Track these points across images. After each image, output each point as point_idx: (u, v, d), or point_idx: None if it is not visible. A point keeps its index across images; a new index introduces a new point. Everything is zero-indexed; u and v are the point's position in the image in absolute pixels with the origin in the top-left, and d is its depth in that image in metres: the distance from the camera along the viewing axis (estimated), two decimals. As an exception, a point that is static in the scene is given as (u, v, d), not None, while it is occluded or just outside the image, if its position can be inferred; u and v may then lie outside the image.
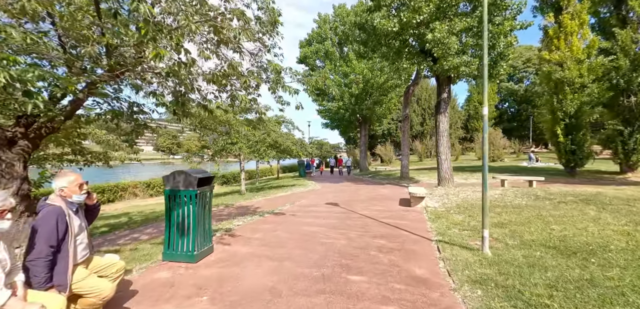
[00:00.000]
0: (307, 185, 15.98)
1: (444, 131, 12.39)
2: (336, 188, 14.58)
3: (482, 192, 4.63)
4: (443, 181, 12.23)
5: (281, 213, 8.37)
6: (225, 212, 9.30)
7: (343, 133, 37.83)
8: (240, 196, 12.97)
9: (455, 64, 10.91)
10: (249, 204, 10.50)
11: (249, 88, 5.59)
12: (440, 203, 9.22)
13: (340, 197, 11.39)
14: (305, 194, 12.49)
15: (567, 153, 15.47)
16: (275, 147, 13.05)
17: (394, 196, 11.33)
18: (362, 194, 12.12)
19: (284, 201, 10.95)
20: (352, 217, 7.63)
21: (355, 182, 17.73)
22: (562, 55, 14.80)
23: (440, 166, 12.35)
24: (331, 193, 12.63)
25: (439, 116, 12.45)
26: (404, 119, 17.65)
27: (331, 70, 27.07)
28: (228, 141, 12.07)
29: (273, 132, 12.98)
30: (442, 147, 12.35)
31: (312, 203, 10.10)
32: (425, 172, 20.93)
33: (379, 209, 8.76)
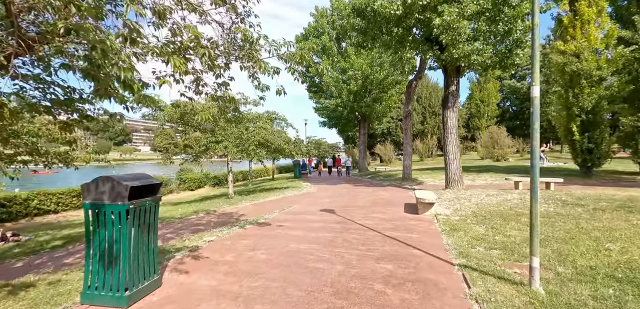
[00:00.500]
0: (302, 187, 14.70)
1: (452, 128, 11.15)
2: (333, 191, 13.31)
3: (531, 203, 3.38)
4: (451, 183, 10.99)
5: (266, 223, 7.09)
6: (204, 221, 8.02)
7: (341, 132, 36.62)
8: (226, 201, 11.69)
9: (466, 51, 9.67)
10: (233, 211, 9.22)
11: (216, 67, 4.34)
12: (452, 210, 7.97)
13: (337, 202, 10.12)
14: (298, 198, 11.22)
15: (583, 152, 14.26)
16: (266, 146, 11.78)
17: (397, 200, 10.08)
18: (361, 198, 10.86)
19: (273, 206, 9.68)
20: (351, 229, 6.36)
21: (354, 183, 16.47)
22: (578, 45, 13.58)
23: (448, 167, 11.11)
24: (327, 197, 11.37)
25: (446, 111, 11.21)
26: (406, 116, 16.42)
27: (329, 67, 25.80)
28: (211, 140, 10.79)
29: (263, 130, 11.71)
30: (450, 145, 11.12)
31: (304, 210, 8.82)
32: (428, 172, 19.70)
33: (382, 217, 7.50)
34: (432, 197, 7.72)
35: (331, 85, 25.41)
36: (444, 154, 11.44)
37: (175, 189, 21.04)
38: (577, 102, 13.95)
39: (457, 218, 6.97)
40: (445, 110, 11.23)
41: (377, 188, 13.67)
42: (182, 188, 21.73)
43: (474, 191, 10.43)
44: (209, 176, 24.56)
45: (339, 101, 25.77)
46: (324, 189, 14.01)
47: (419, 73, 16.09)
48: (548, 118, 39.60)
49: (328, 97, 26.99)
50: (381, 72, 24.63)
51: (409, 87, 16.42)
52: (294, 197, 11.46)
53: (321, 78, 26.00)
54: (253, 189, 16.65)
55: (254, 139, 11.17)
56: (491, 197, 9.21)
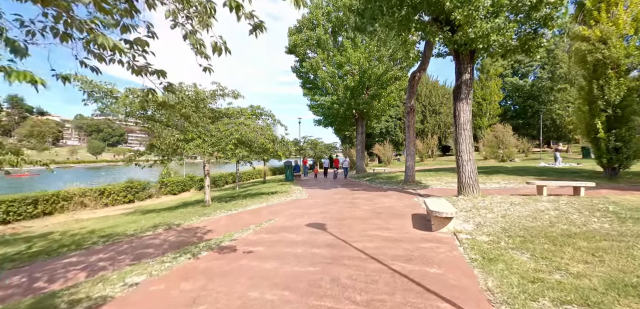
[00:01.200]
0: (291, 193, 12.94)
1: (465, 123, 9.46)
2: (327, 197, 11.57)
3: None
4: (466, 188, 9.28)
5: (230, 248, 5.32)
6: (157, 241, 6.26)
7: (338, 131, 34.94)
8: (199, 210, 9.91)
9: (485, 30, 7.98)
10: (200, 225, 7.44)
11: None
12: (475, 225, 6.27)
13: (331, 212, 8.38)
14: (284, 207, 9.47)
15: (608, 151, 12.63)
16: (247, 145, 10.02)
17: (402, 210, 8.35)
18: (359, 206, 9.13)
19: (250, 218, 7.92)
20: (344, 258, 4.62)
21: (351, 187, 14.74)
22: (604, 30, 11.95)
23: (462, 169, 9.40)
24: (319, 205, 9.63)
25: (458, 104, 9.51)
26: (408, 111, 14.72)
27: (324, 61, 24.10)
28: (180, 138, 9.01)
29: (243, 126, 9.94)
30: (463, 144, 9.41)
31: (287, 224, 7.07)
32: (431, 174, 18.00)
33: (387, 235, 5.78)
34: (449, 210, 6.00)
35: (326, 80, 23.70)
36: (455, 154, 9.73)
37: (155, 194, 19.20)
38: (603, 95, 12.32)
39: (487, 239, 5.25)
40: (457, 102, 9.53)
41: (377, 193, 11.95)
42: (164, 192, 19.89)
43: (494, 199, 8.72)
44: (194, 179, 22.74)
45: (335, 97, 24.06)
46: (316, 195, 12.26)
47: (423, 64, 14.42)
48: (552, 116, 38.33)
49: (323, 94, 25.25)
50: (380, 67, 22.97)
51: (412, 80, 14.72)
52: (279, 206, 9.69)
53: (316, 74, 24.29)
54: (238, 194, 14.87)
55: (232, 137, 9.39)
56: (518, 207, 7.50)
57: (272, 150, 10.17)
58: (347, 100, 23.69)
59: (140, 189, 17.82)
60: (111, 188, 16.17)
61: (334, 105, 24.31)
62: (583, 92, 13.54)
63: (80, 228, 9.17)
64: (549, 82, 36.72)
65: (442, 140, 41.40)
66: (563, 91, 33.79)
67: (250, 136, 9.56)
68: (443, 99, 41.95)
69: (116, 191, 16.32)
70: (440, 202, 6.84)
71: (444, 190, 12.15)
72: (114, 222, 9.86)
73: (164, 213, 10.65)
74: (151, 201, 17.94)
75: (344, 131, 34.70)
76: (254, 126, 10.11)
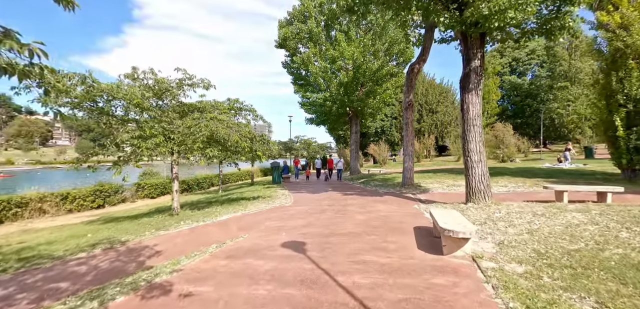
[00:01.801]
0: (275, 198, 11.45)
1: (475, 117, 8.07)
2: (314, 203, 10.12)
3: None
4: (476, 194, 7.89)
5: (163, 287, 3.81)
6: (83, 270, 4.74)
7: (331, 130, 33.52)
8: (162, 221, 8.37)
9: (501, 5, 6.60)
10: (147, 245, 5.91)
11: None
12: (496, 244, 4.88)
13: (316, 224, 6.92)
14: (262, 217, 7.97)
15: (629, 151, 11.37)
16: (219, 144, 8.51)
17: (402, 220, 6.92)
18: (351, 216, 7.68)
19: (216, 234, 6.42)
20: (324, 306, 3.16)
21: (343, 191, 13.30)
22: (626, 15, 10.68)
23: (471, 171, 8.00)
24: (303, 215, 8.16)
25: (467, 95, 8.12)
26: (407, 107, 13.34)
27: (315, 55, 22.64)
28: (135, 135, 7.44)
29: (216, 121, 8.41)
30: (473, 142, 8.03)
31: (258, 244, 5.59)
32: (430, 176, 16.64)
33: (384, 262, 4.34)
34: (465, 228, 4.57)
35: (318, 76, 22.24)
36: (463, 154, 8.33)
37: (131, 198, 17.54)
38: (622, 88, 11.06)
39: (520, 270, 3.84)
40: (465, 93, 8.13)
41: (372, 198, 10.52)
42: (140, 195, 18.23)
43: (510, 207, 7.33)
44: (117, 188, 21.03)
45: (327, 94, 22.63)
46: (302, 200, 10.78)
47: (422, 55, 13.06)
48: (551, 116, 37.32)
49: (315, 91, 23.80)
50: (375, 62, 21.62)
51: (410, 73, 13.34)
52: (257, 216, 8.20)
53: (307, 69, 22.83)
54: (217, 198, 13.33)
55: (200, 134, 7.87)
56: (544, 219, 6.12)
57: (248, 149, 8.67)
58: (341, 97, 22.27)
59: (112, 192, 16.17)
60: (76, 192, 14.50)
61: (327, 102, 22.88)
62: (598, 86, 12.28)
63: (10, 243, 7.57)
64: (549, 80, 35.71)
65: (439, 140, 40.20)
66: (563, 89, 32.77)
67: (222, 133, 8.03)
68: (440, 97, 40.78)
69: (82, 196, 14.65)
70: (450, 215, 5.41)
71: (446, 195, 10.77)
72: (59, 235, 8.28)
73: (124, 223, 9.09)
74: (124, 206, 16.29)
75: (338, 129, 33.32)
76: (228, 122, 8.58)
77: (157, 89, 8.66)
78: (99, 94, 7.20)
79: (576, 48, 32.91)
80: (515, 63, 43.26)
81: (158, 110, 8.73)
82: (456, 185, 12.93)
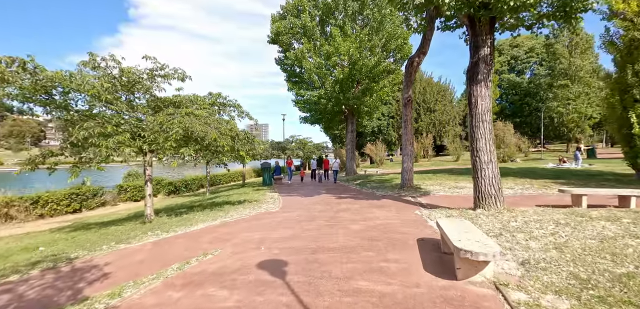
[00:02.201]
0: (263, 202, 10.46)
1: (485, 112, 7.16)
2: (305, 208, 9.15)
3: None
4: (486, 199, 6.96)
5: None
6: (-1, 301, 3.72)
7: (326, 129, 32.54)
8: (129, 230, 7.35)
9: (518, -19, 5.68)
10: (96, 264, 4.90)
11: None
12: (520, 264, 3.97)
13: (303, 235, 5.95)
14: (242, 227, 6.98)
15: (645, 150, 10.56)
16: (196, 142, 7.50)
17: (403, 230, 5.98)
18: (344, 224, 6.72)
19: (185, 247, 5.42)
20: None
21: (337, 194, 12.35)
22: (643, 3, 9.85)
23: (480, 173, 7.07)
24: (290, 224, 7.19)
25: (475, 87, 7.20)
26: (406, 104, 12.42)
27: (310, 51, 21.66)
28: (94, 133, 6.40)
29: (192, 117, 7.40)
30: (482, 140, 7.11)
31: (228, 264, 4.60)
32: (430, 177, 15.75)
33: (383, 291, 3.39)
34: (485, 247, 3.62)
35: (312, 73, 21.26)
36: (471, 153, 7.40)
37: (112, 201, 16.44)
38: (639, 82, 10.23)
39: (565, 307, 2.90)
40: (473, 85, 7.21)
41: (368, 202, 9.57)
42: (123, 199, 17.13)
43: (526, 214, 6.42)
44: (162, 183, 20.01)
45: (322, 91, 21.66)
46: (292, 205, 9.81)
47: (422, 47, 12.15)
48: (550, 115, 36.62)
49: (309, 88, 22.82)
50: (372, 58, 20.70)
51: (409, 66, 12.42)
52: (237, 225, 7.20)
53: (301, 65, 21.85)
54: (201, 202, 12.30)
55: (173, 131, 6.87)
56: (569, 230, 5.21)
57: (228, 148, 7.66)
58: (336, 94, 21.31)
59: (90, 195, 15.05)
60: (49, 196, 13.38)
61: (321, 100, 21.90)
62: (610, 81, 11.45)
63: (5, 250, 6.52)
64: (548, 79, 35.04)
65: (437, 139, 39.41)
66: (564, 88, 32.10)
67: (198, 130, 7.02)
68: (438, 96, 40.00)
69: (56, 200, 13.54)
70: (462, 227, 4.46)
71: (450, 198, 9.86)
72: (12, 247, 7.23)
73: (90, 232, 8.05)
74: (102, 210, 15.19)
75: (333, 129, 32.32)
76: (206, 118, 7.57)
77: (126, 81, 7.63)
78: (51, 85, 6.17)
79: (576, 45, 32.28)
80: (513, 61, 42.65)
81: (126, 104, 7.69)
82: (458, 187, 12.04)
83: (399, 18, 22.15)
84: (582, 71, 31.66)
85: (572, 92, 31.77)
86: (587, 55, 32.21)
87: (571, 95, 31.78)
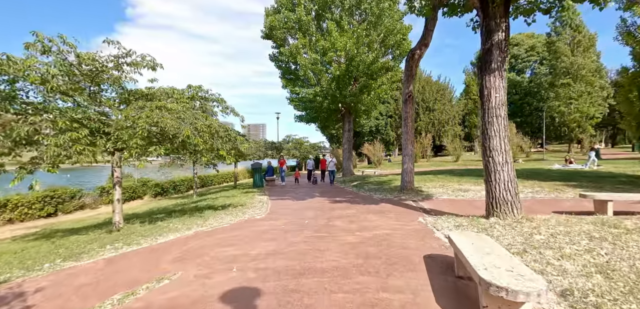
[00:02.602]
0: (249, 207, 9.49)
1: (499, 106, 6.23)
2: (294, 215, 8.20)
3: None
4: (501, 206, 6.02)
5: None
6: None
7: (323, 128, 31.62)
8: (89, 242, 6.35)
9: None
10: (26, 290, 3.92)
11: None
12: (561, 297, 3.03)
13: (287, 252, 5.00)
14: (216, 239, 6.01)
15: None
16: (167, 139, 6.52)
17: (406, 242, 5.04)
18: (337, 236, 5.77)
19: (139, 269, 4.44)
20: None
21: (332, 197, 11.41)
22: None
23: (495, 176, 6.14)
24: (274, 234, 6.24)
25: (487, 77, 6.27)
26: (406, 100, 11.50)
27: (305, 47, 20.69)
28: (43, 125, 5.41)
29: (163, 111, 6.42)
30: (496, 138, 6.18)
31: (181, 300, 3.63)
32: (430, 179, 14.86)
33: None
34: (528, 283, 2.68)
35: (308, 69, 20.30)
36: (483, 153, 6.47)
37: (92, 204, 15.38)
38: (660, 76, 9.37)
39: None
40: (486, 75, 6.28)
41: (365, 208, 8.63)
42: (105, 201, 16.07)
43: (549, 224, 5.50)
44: (149, 184, 18.96)
45: (318, 89, 20.70)
46: (281, 211, 8.85)
47: (424, 38, 11.25)
48: (551, 115, 35.88)
49: (305, 85, 21.85)
50: (369, 54, 19.79)
51: (410, 59, 11.51)
52: (210, 237, 6.22)
53: (296, 62, 20.89)
54: (184, 206, 11.32)
55: (140, 128, 5.89)
56: (608, 245, 4.30)
57: (203, 147, 6.69)
58: (332, 91, 20.36)
59: (67, 198, 14.00)
60: (19, 199, 12.32)
61: (317, 97, 20.94)
62: (627, 75, 10.60)
63: None
64: (550, 77, 34.30)
65: (436, 139, 38.57)
66: (566, 87, 31.36)
67: (169, 126, 6.05)
68: (437, 95, 39.17)
69: (27, 203, 12.48)
70: (483, 246, 3.52)
71: (454, 202, 8.93)
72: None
73: (49, 242, 7.04)
74: (81, 213, 14.14)
75: (330, 128, 31.39)
76: (180, 112, 6.59)
77: (89, 70, 6.63)
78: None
79: (579, 43, 31.56)
80: (513, 60, 41.94)
81: (89, 97, 6.70)
82: (463, 190, 11.12)
83: (398, 12, 21.35)
84: (584, 70, 30.94)
85: (574, 91, 31.04)
86: (589, 53, 31.50)
87: (573, 94, 31.05)
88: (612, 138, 43.82)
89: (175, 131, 6.14)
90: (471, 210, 7.64)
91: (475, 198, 9.58)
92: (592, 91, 31.14)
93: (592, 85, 31.06)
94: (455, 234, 4.11)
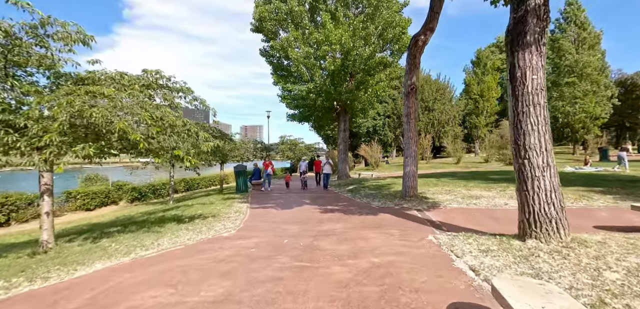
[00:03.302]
0: (221, 219, 7.90)
1: (537, 91, 4.72)
2: (273, 231, 6.64)
3: None
4: (542, 224, 4.50)
5: None
6: None
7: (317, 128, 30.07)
8: (10, 265, 4.76)
9: None
10: None
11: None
12: None
13: (247, 294, 3.44)
14: (152, 274, 4.43)
15: None
16: (98, 136, 4.95)
17: (417, 278, 3.49)
18: (320, 269, 4.23)
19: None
20: None
21: (323, 205, 9.87)
22: None
23: (532, 184, 4.61)
24: (239, 261, 4.68)
25: (521, 54, 4.76)
26: (408, 93, 9.99)
27: (297, 39, 19.14)
28: None
29: (90, 96, 4.84)
30: (534, 134, 4.67)
31: None
32: (434, 183, 13.32)
33: None
34: None
35: (300, 63, 18.76)
36: (516, 153, 4.93)
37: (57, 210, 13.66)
38: None
39: None
40: (519, 51, 4.78)
41: (362, 220, 7.08)
42: (72, 207, 14.38)
43: (615, 252, 3.99)
44: (124, 188, 17.27)
45: (311, 85, 19.14)
46: (258, 225, 7.27)
47: (429, 22, 9.77)
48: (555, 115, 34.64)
49: (297, 81, 20.29)
50: (366, 49, 18.33)
51: (413, 46, 10.01)
52: (148, 268, 4.63)
53: (287, 56, 19.35)
54: (152, 215, 9.70)
55: (59, 121, 4.32)
56: None
57: (144, 145, 5.11)
58: (326, 88, 18.82)
59: (24, 204, 12.31)
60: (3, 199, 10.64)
61: (310, 94, 19.36)
62: None
63: None
64: (553, 76, 33.03)
65: (436, 140, 37.15)
66: (571, 85, 30.09)
67: (96, 116, 4.48)
68: (436, 94, 37.80)
69: (12, 202, 10.80)
70: (553, 302, 1.98)
71: (467, 212, 7.40)
72: None
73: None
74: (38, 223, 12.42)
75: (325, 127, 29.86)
76: (116, 100, 5.01)
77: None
78: None
79: (583, 41, 30.34)
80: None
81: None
82: (474, 197, 9.61)
83: (397, 4, 19.93)
84: (589, 68, 29.70)
85: (579, 91, 29.78)
86: (594, 51, 30.29)
87: (578, 93, 29.79)
88: (616, 139, 42.77)
89: (105, 122, 4.55)
90: (491, 224, 6.13)
91: (490, 207, 8.09)
92: (597, 90, 29.92)
93: (598, 84, 29.84)
94: (503, 283, 2.56)
